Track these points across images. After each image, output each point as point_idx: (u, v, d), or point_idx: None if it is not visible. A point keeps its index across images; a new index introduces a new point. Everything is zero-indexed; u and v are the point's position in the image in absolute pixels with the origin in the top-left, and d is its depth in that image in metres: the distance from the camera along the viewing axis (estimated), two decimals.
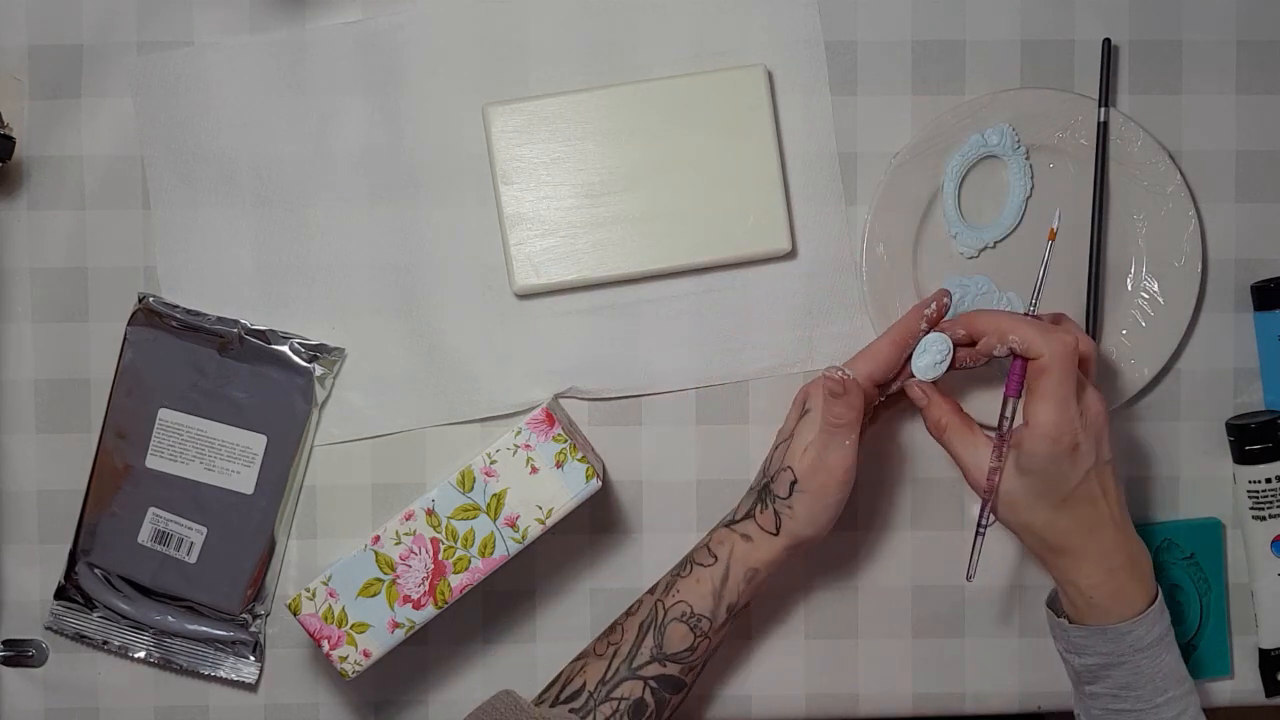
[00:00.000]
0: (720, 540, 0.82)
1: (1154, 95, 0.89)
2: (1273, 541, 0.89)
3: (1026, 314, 0.79)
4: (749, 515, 0.82)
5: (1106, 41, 0.88)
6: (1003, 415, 0.79)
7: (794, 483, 0.80)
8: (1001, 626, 0.90)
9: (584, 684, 0.80)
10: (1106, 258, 0.89)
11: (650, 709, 0.80)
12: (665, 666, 0.80)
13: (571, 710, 0.79)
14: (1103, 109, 0.87)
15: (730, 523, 0.82)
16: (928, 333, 0.82)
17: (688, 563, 0.82)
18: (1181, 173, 0.88)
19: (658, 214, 0.87)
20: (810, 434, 0.80)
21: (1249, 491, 0.89)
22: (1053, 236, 0.80)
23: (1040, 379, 0.76)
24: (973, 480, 0.79)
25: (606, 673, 0.80)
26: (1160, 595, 0.79)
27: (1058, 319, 0.81)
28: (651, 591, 0.83)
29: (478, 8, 0.88)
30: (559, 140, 0.87)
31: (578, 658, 0.83)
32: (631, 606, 0.83)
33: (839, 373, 0.78)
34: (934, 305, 0.82)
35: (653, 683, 0.80)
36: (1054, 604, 0.82)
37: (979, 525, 0.80)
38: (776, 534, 0.81)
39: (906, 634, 0.90)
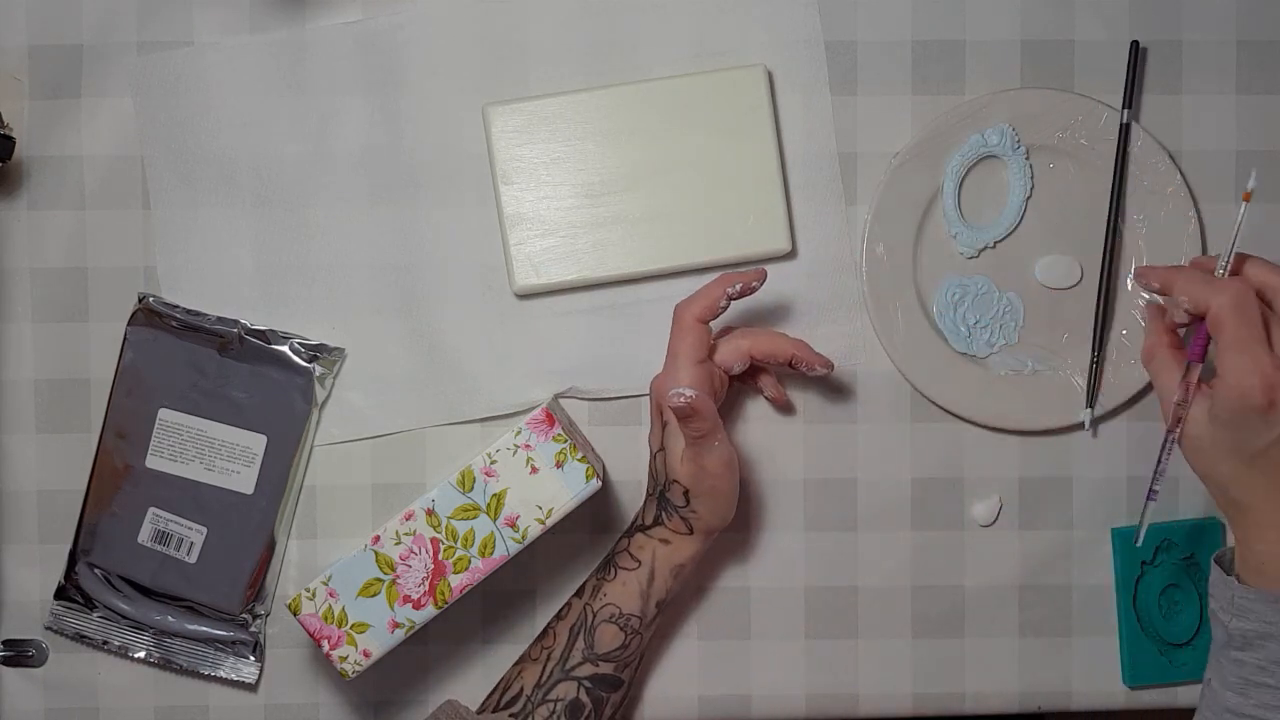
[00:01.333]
0: (640, 545, 0.83)
1: (1154, 95, 0.89)
2: None
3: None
4: (658, 522, 0.83)
5: (1135, 44, 0.88)
6: (1185, 378, 0.77)
7: (686, 491, 0.81)
8: (1001, 626, 0.90)
9: (522, 688, 0.82)
10: (1115, 257, 0.88)
11: (587, 708, 0.81)
12: (598, 666, 0.82)
13: (511, 715, 0.81)
14: (1125, 110, 0.87)
15: (643, 528, 0.83)
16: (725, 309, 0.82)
17: (610, 567, 0.83)
18: (1181, 173, 0.88)
19: (658, 214, 0.87)
20: (679, 443, 0.81)
21: None
22: (1247, 198, 0.78)
23: (1219, 332, 0.74)
24: (1165, 414, 0.79)
25: (542, 676, 0.82)
26: None
27: (1240, 265, 0.78)
28: (579, 595, 0.84)
29: (478, 8, 0.88)
30: (559, 140, 0.87)
31: (516, 663, 0.84)
32: (561, 610, 0.84)
33: (682, 398, 0.78)
34: (739, 285, 0.82)
35: (587, 682, 0.81)
36: (1222, 560, 0.79)
37: (1159, 463, 0.79)
38: (691, 533, 0.83)
39: (906, 634, 0.90)
